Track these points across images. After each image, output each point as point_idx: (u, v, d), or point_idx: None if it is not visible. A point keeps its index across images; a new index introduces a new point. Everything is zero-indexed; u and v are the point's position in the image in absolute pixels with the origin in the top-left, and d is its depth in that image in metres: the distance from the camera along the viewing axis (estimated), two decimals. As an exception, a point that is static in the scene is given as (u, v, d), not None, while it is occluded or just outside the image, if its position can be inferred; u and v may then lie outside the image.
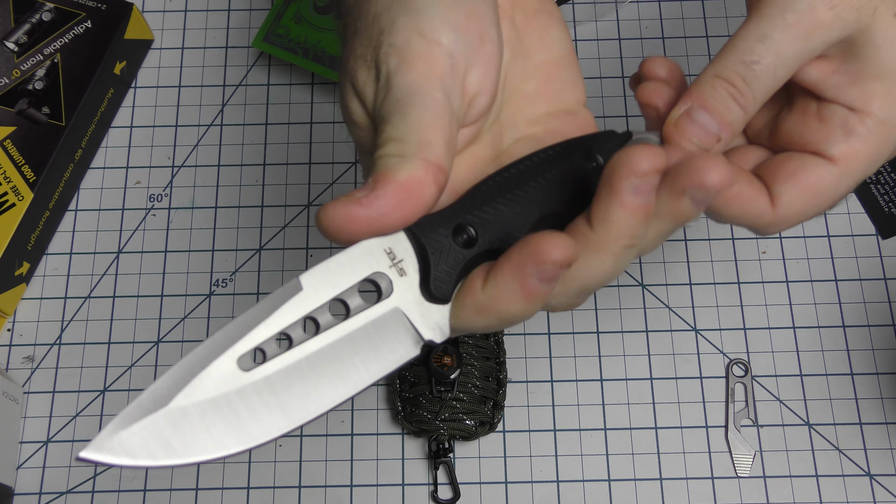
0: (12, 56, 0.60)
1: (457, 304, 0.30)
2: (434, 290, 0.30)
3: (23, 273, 0.57)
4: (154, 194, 0.61)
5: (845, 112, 0.35)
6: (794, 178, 0.35)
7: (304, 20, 0.61)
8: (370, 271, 0.30)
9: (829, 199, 0.36)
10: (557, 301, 0.32)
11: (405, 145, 0.29)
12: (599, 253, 0.30)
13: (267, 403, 0.29)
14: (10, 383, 0.55)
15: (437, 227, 0.30)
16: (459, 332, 0.31)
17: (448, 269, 0.30)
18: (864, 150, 0.35)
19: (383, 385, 0.56)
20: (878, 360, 0.56)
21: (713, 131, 0.35)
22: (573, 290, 0.31)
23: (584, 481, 0.53)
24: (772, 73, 0.34)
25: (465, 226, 0.31)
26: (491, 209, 0.31)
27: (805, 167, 0.36)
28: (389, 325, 0.30)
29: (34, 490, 0.54)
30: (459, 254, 0.30)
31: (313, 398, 0.29)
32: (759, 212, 0.36)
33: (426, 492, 0.53)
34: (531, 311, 0.30)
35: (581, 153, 0.33)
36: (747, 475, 0.53)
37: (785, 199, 0.36)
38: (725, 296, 0.57)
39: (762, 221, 0.36)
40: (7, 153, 0.57)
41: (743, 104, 0.35)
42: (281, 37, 0.61)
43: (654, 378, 0.56)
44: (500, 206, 0.31)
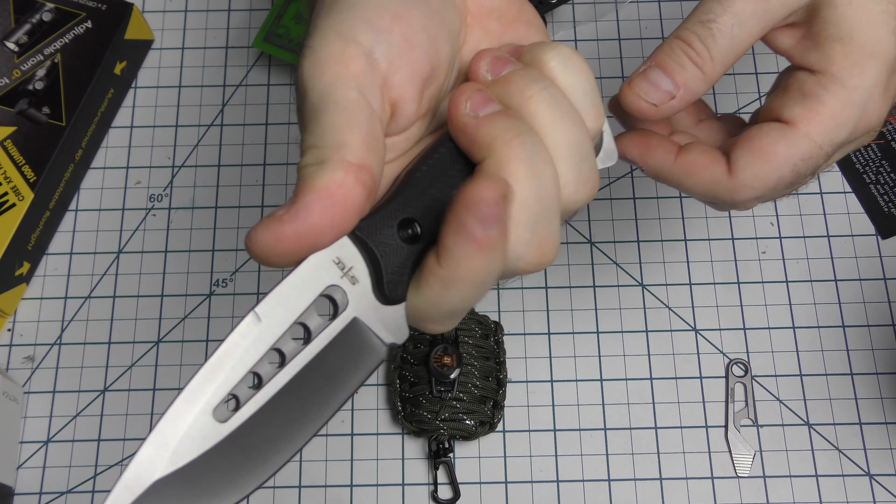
0: (12, 56, 0.60)
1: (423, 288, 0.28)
2: (388, 292, 0.29)
3: (23, 273, 0.57)
4: (154, 194, 0.61)
5: (805, 75, 0.35)
6: (749, 142, 0.36)
7: (304, 20, 0.61)
8: (323, 286, 0.28)
9: (785, 163, 0.35)
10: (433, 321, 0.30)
11: (321, 150, 0.28)
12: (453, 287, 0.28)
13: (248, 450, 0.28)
14: (10, 383, 0.55)
15: (380, 226, 0.29)
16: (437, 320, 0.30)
17: (399, 268, 0.29)
18: (823, 112, 0.35)
19: (383, 385, 0.56)
20: (878, 360, 0.56)
21: (666, 89, 0.35)
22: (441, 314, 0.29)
23: (584, 481, 0.53)
24: (728, 31, 0.34)
25: (408, 220, 0.29)
26: (429, 197, 0.30)
27: (760, 132, 0.36)
28: (351, 337, 0.29)
29: (34, 490, 0.54)
30: (408, 250, 0.29)
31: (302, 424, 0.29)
32: (715, 178, 0.36)
33: (426, 492, 0.53)
34: (494, 264, 0.28)
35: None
36: (747, 475, 0.53)
37: (740, 164, 0.35)
38: (725, 296, 0.57)
39: (721, 188, 0.36)
40: (7, 153, 0.57)
41: (699, 63, 0.35)
42: (281, 37, 0.61)
43: (654, 378, 0.56)
44: (437, 192, 0.30)
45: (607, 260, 0.58)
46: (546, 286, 0.58)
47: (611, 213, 0.59)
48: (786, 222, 0.59)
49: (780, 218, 0.59)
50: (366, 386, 0.56)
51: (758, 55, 0.64)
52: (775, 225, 0.59)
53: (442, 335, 0.54)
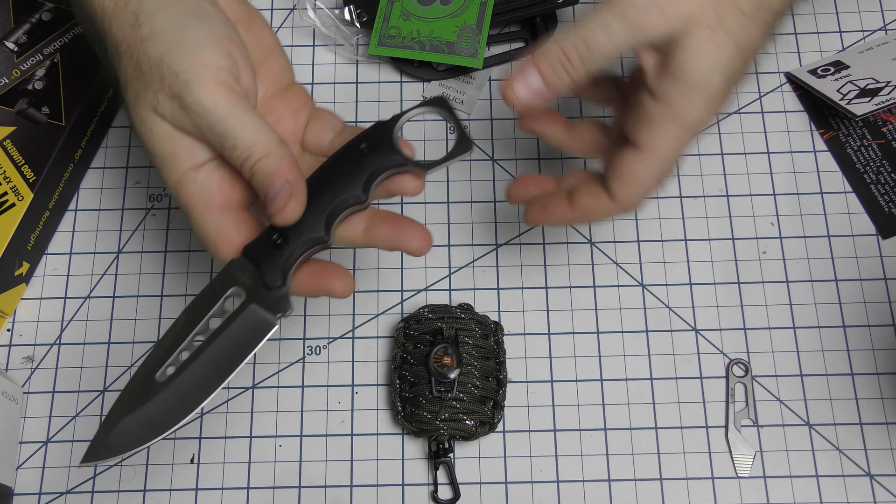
0: (12, 56, 0.60)
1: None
2: (269, 283, 0.43)
3: (23, 273, 0.57)
4: (154, 194, 0.61)
5: (650, 101, 0.44)
6: (616, 172, 0.46)
7: (411, 16, 0.62)
8: (228, 291, 0.43)
9: (649, 180, 0.45)
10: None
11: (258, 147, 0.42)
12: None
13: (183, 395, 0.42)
14: (10, 383, 0.55)
15: (259, 245, 0.43)
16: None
17: (274, 268, 0.43)
18: (665, 138, 0.44)
19: (383, 385, 0.56)
20: (878, 360, 0.56)
21: (537, 89, 0.45)
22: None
23: (584, 481, 0.53)
24: (602, 50, 0.43)
25: (275, 236, 0.43)
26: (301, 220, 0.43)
27: (621, 160, 0.45)
28: (250, 317, 0.43)
29: (34, 490, 0.54)
30: (278, 254, 0.43)
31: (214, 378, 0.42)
32: (604, 209, 0.47)
33: (426, 492, 0.53)
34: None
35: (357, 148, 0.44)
36: (747, 475, 0.53)
37: (616, 192, 0.46)
38: (726, 296, 0.57)
39: (613, 212, 0.47)
40: (7, 153, 0.57)
41: (570, 72, 0.44)
42: (394, 37, 0.62)
43: (654, 378, 0.56)
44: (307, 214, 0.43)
45: (607, 260, 0.58)
46: (546, 286, 0.58)
47: (611, 213, 0.59)
48: (786, 222, 0.59)
49: (781, 218, 0.59)
50: (366, 386, 0.56)
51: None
52: (775, 225, 0.59)
53: (442, 335, 0.54)
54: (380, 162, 0.44)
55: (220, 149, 0.42)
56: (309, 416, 0.55)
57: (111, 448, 0.42)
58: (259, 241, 0.43)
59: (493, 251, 0.59)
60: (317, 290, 0.44)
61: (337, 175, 0.44)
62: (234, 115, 0.41)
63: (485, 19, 0.62)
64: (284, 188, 0.41)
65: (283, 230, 0.43)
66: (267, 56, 0.48)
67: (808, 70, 0.62)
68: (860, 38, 0.64)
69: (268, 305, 0.43)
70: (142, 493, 0.54)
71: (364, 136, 0.44)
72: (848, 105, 0.59)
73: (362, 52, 0.65)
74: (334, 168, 0.44)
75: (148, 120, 0.43)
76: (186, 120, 0.42)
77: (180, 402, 0.42)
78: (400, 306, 0.57)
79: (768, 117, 0.62)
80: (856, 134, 0.61)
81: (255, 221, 0.44)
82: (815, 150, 0.61)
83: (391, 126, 0.44)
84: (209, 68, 0.41)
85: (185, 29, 0.42)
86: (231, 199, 0.44)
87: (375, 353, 0.56)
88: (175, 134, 0.43)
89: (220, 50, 0.42)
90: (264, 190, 0.42)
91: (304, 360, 0.56)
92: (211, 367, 0.42)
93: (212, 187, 0.44)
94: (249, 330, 0.43)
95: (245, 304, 0.43)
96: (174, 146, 0.43)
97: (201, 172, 0.43)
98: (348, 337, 0.57)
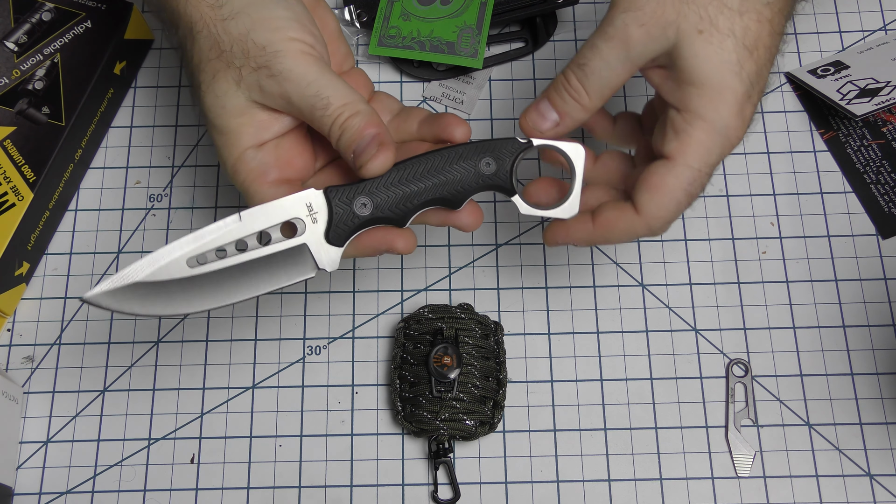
0: (12, 56, 0.60)
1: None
2: (331, 238, 0.43)
3: (23, 273, 0.57)
4: (154, 194, 0.61)
5: (674, 113, 0.43)
6: (644, 183, 0.44)
7: (411, 16, 0.63)
8: (292, 216, 0.43)
9: (679, 191, 0.43)
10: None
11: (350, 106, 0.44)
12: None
13: (203, 289, 0.43)
14: (10, 383, 0.55)
15: (344, 194, 0.44)
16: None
17: (344, 226, 0.43)
18: (694, 143, 0.43)
19: (383, 385, 0.56)
20: (878, 360, 0.56)
21: (552, 119, 0.46)
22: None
23: (584, 481, 0.53)
24: (598, 72, 0.44)
25: (364, 200, 0.44)
26: (391, 192, 0.44)
27: (650, 171, 0.44)
28: (297, 253, 0.44)
29: (34, 490, 0.54)
30: (355, 217, 0.44)
31: (236, 291, 0.43)
32: (630, 223, 0.45)
33: (426, 492, 0.53)
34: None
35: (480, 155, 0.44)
36: (747, 475, 0.53)
37: (643, 205, 0.44)
38: (725, 296, 0.57)
39: (638, 228, 0.45)
40: (7, 153, 0.57)
41: (576, 97, 0.45)
42: (394, 37, 0.62)
43: (654, 378, 0.56)
44: (399, 190, 0.44)
45: (607, 260, 0.58)
46: (546, 286, 0.58)
47: (611, 213, 0.59)
48: (786, 222, 0.59)
49: (781, 218, 0.59)
50: (366, 386, 0.56)
51: (758, 55, 0.64)
52: (775, 225, 0.59)
53: (442, 335, 0.54)
54: (494, 183, 0.45)
55: (309, 111, 0.44)
56: (309, 416, 0.55)
57: (118, 299, 0.42)
58: (343, 191, 0.44)
59: (493, 251, 0.59)
60: (380, 245, 0.45)
61: (445, 172, 0.44)
62: (323, 77, 0.44)
63: (485, 19, 0.62)
64: (375, 139, 0.43)
65: (369, 199, 0.44)
66: (331, 41, 0.49)
67: (808, 70, 0.62)
68: (860, 38, 0.64)
69: (318, 254, 0.44)
70: (142, 493, 0.54)
71: (491, 149, 0.45)
72: (848, 105, 0.59)
73: (362, 52, 0.65)
74: (446, 166, 0.44)
75: (224, 96, 0.44)
76: (273, 88, 0.44)
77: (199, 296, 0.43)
78: (400, 306, 0.57)
79: (768, 117, 0.62)
80: (856, 134, 0.61)
81: None
82: (815, 150, 0.61)
83: (522, 150, 0.45)
84: (295, 42, 0.44)
85: (266, 9, 0.45)
86: (287, 176, 0.46)
87: (375, 353, 0.56)
88: (246, 111, 0.45)
89: (302, 27, 0.45)
90: (354, 144, 0.43)
91: (304, 360, 0.57)
92: (240, 279, 0.43)
93: (269, 164, 0.45)
94: (291, 265, 0.44)
95: (300, 239, 0.44)
96: (241, 124, 0.45)
97: (261, 151, 0.45)
98: (348, 337, 0.57)
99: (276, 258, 0.43)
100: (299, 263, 0.44)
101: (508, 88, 0.63)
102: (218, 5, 0.45)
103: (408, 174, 0.44)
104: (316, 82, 0.43)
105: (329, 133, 0.44)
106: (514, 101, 0.63)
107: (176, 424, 0.55)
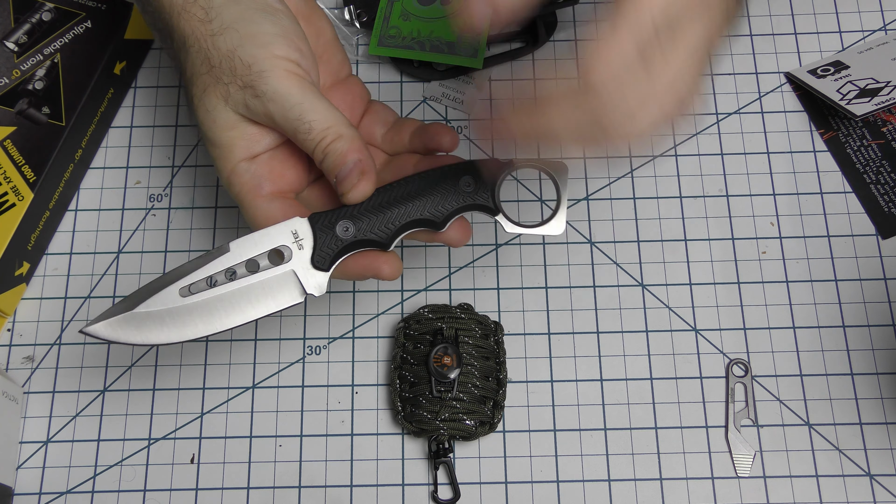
0: (12, 56, 0.60)
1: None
2: (316, 263, 0.44)
3: (23, 273, 0.57)
4: (154, 194, 0.61)
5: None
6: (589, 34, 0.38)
7: (411, 16, 0.63)
8: (278, 244, 0.44)
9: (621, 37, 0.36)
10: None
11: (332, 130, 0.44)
12: None
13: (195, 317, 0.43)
14: (10, 383, 0.55)
15: (327, 220, 0.44)
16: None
17: (328, 251, 0.44)
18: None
19: (383, 385, 0.56)
20: (878, 360, 0.56)
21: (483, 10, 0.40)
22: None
23: (584, 481, 0.53)
24: None
25: (346, 224, 0.44)
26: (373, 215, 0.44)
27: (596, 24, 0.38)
28: (285, 280, 0.44)
29: (34, 490, 0.54)
30: (338, 241, 0.44)
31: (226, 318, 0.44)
32: (570, 87, 0.38)
33: (426, 492, 0.53)
34: None
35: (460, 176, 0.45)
36: (747, 475, 0.53)
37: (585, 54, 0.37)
38: (725, 296, 0.57)
39: (581, 94, 0.37)
40: (7, 153, 0.57)
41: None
42: (394, 37, 0.62)
43: (654, 378, 0.56)
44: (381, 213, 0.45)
45: (607, 260, 0.58)
46: (546, 286, 0.58)
47: (611, 213, 0.59)
48: (786, 222, 0.59)
49: (781, 218, 0.59)
50: (366, 386, 0.56)
51: (758, 55, 0.64)
52: (775, 225, 0.59)
53: (442, 335, 0.54)
54: (475, 202, 0.45)
55: (292, 133, 0.44)
56: (309, 416, 0.55)
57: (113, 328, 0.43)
58: (327, 217, 0.44)
59: (493, 251, 0.59)
60: (365, 271, 0.46)
61: (427, 194, 0.45)
62: (307, 100, 0.44)
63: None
64: (357, 166, 0.44)
65: (352, 222, 0.44)
66: (326, 49, 0.50)
67: (808, 70, 0.62)
68: (860, 38, 0.64)
69: (305, 279, 0.44)
70: (142, 493, 0.54)
71: (470, 169, 0.45)
72: (848, 105, 0.59)
73: (362, 53, 0.65)
74: (427, 188, 0.45)
75: (214, 111, 0.45)
76: (259, 108, 0.44)
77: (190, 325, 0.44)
78: (400, 306, 0.57)
79: (768, 117, 0.62)
80: (856, 134, 0.61)
81: (304, 210, 0.46)
82: (814, 150, 0.61)
83: (502, 170, 0.45)
84: (280, 60, 0.44)
85: (254, 24, 0.44)
86: (281, 188, 0.46)
87: (375, 353, 0.56)
88: (237, 125, 0.45)
89: (289, 44, 0.45)
90: (336, 170, 0.44)
91: (304, 360, 0.57)
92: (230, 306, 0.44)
93: (263, 176, 0.46)
94: (279, 292, 0.44)
95: (287, 266, 0.44)
96: (233, 137, 0.45)
97: (254, 163, 0.46)
98: (348, 337, 0.57)
99: (265, 285, 0.44)
100: (287, 289, 0.44)
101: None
102: (207, 20, 0.45)
103: (389, 197, 0.45)
104: (299, 105, 0.43)
105: (313, 155, 0.45)
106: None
107: (176, 424, 0.55)
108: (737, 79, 0.63)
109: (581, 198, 0.60)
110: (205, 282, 0.44)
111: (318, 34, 0.49)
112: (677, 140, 0.61)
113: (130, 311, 0.43)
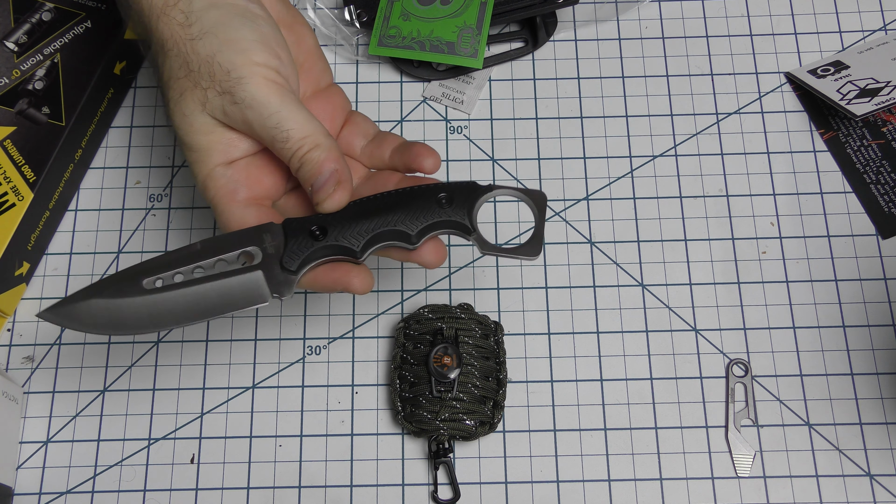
0: (12, 56, 0.60)
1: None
2: (285, 265, 0.44)
3: (23, 273, 0.57)
4: (154, 194, 0.61)
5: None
6: None
7: (411, 16, 0.62)
8: (249, 245, 0.44)
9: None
10: None
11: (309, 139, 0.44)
12: None
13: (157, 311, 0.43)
14: (10, 383, 0.55)
15: (299, 225, 0.44)
16: None
17: (297, 255, 0.44)
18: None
19: (383, 385, 0.56)
20: (878, 360, 0.56)
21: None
22: None
23: (584, 481, 0.53)
24: None
25: (315, 227, 0.44)
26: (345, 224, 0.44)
27: None
28: (251, 281, 0.44)
29: (34, 490, 0.54)
30: (308, 244, 0.44)
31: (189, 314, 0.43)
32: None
33: (426, 492, 0.53)
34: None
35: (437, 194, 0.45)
36: (747, 475, 0.53)
37: None
38: (725, 296, 0.57)
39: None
40: (7, 153, 0.57)
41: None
42: (394, 37, 0.62)
43: (654, 378, 0.56)
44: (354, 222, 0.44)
45: (607, 260, 0.58)
46: (546, 286, 0.58)
47: (611, 213, 0.59)
48: (786, 222, 0.59)
49: (781, 218, 0.59)
50: (366, 386, 0.56)
51: (758, 55, 0.64)
52: (775, 225, 0.59)
53: (442, 335, 0.54)
54: (450, 219, 0.45)
55: (269, 141, 0.44)
56: (309, 416, 0.55)
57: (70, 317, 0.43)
58: (301, 222, 0.44)
59: (493, 251, 0.59)
60: (335, 284, 0.45)
61: (403, 208, 0.45)
62: (285, 108, 0.43)
63: (485, 19, 0.62)
64: (333, 176, 0.44)
65: (324, 227, 0.44)
66: (307, 57, 0.49)
67: (808, 70, 0.62)
68: (860, 38, 0.64)
69: (272, 281, 0.44)
70: (142, 493, 0.54)
71: (449, 188, 0.45)
72: (848, 105, 0.59)
73: (362, 53, 0.65)
74: (403, 202, 0.45)
75: (191, 115, 0.44)
76: (236, 114, 0.44)
77: (150, 317, 0.43)
78: (400, 306, 0.57)
79: (768, 117, 0.62)
80: (856, 134, 0.61)
81: (279, 217, 0.46)
82: (814, 150, 0.61)
83: (481, 193, 0.45)
84: (260, 67, 0.43)
85: (234, 30, 0.44)
86: (257, 195, 0.46)
87: (375, 353, 0.56)
88: (215, 130, 0.45)
89: (268, 51, 0.44)
90: (312, 179, 0.44)
91: (304, 360, 0.57)
92: (193, 302, 0.43)
93: (239, 182, 0.46)
94: (244, 292, 0.44)
95: (255, 267, 0.44)
96: (211, 142, 0.45)
97: (231, 168, 0.46)
98: (348, 337, 0.57)
99: (232, 284, 0.43)
100: (254, 291, 0.44)
101: (508, 88, 0.63)
102: (187, 24, 0.44)
103: (364, 208, 0.45)
104: (277, 113, 0.43)
105: (289, 164, 0.45)
106: (514, 101, 0.63)
107: (176, 424, 0.55)
108: (737, 79, 0.63)
109: (581, 198, 0.60)
110: (171, 276, 0.43)
111: (300, 42, 0.49)
112: (677, 140, 0.61)
113: (92, 298, 0.43)
